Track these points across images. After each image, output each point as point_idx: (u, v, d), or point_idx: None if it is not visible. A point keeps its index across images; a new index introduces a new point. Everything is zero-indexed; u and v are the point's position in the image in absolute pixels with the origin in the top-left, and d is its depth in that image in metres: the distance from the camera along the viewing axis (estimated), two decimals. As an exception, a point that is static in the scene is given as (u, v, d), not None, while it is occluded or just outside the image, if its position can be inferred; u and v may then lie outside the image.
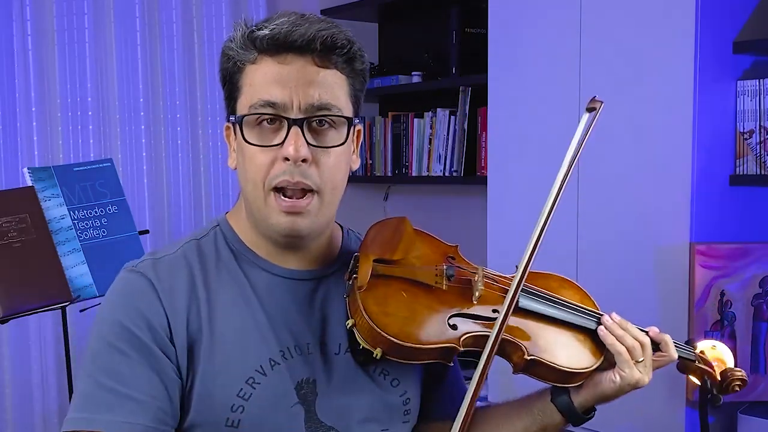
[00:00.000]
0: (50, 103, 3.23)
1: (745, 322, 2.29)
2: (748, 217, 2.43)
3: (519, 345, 1.19)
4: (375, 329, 1.11)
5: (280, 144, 1.12)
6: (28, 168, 2.57)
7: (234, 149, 1.19)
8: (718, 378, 1.35)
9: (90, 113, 3.28)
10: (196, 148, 3.55)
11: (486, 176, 2.91)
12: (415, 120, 3.45)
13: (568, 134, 1.20)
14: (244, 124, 1.14)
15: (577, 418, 1.25)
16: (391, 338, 1.11)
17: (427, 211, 3.63)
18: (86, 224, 2.56)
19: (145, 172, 3.41)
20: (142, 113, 3.39)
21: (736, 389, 1.34)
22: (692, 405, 2.28)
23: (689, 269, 2.27)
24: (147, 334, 1.12)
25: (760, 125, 2.30)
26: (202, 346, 1.14)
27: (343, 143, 1.15)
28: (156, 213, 3.45)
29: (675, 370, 1.35)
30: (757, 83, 2.29)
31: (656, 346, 1.27)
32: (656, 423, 2.36)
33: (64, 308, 2.49)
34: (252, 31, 1.14)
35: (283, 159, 1.12)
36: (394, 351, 1.13)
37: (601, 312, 1.27)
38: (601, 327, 1.23)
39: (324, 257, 1.24)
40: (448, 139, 3.30)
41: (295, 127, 1.11)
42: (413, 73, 3.47)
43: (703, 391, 1.36)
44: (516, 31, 2.74)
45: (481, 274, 1.23)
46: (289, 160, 1.11)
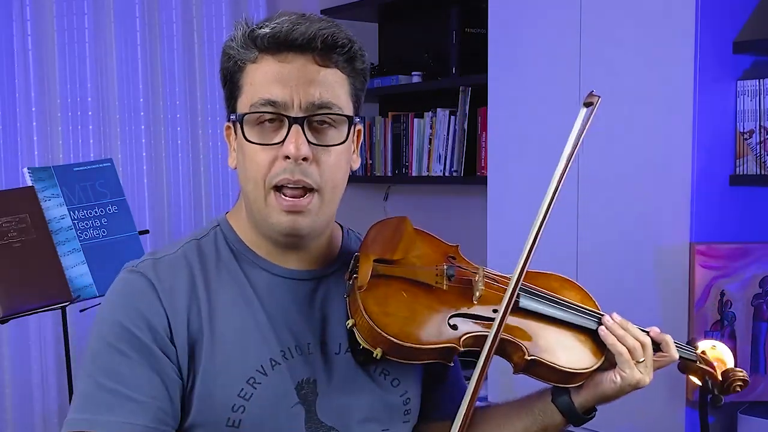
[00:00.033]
0: (50, 103, 3.23)
1: (745, 322, 2.28)
2: (748, 217, 2.43)
3: (519, 345, 1.19)
4: (375, 329, 1.11)
5: (281, 142, 1.12)
6: (28, 168, 2.57)
7: (234, 149, 1.20)
8: (720, 378, 1.34)
9: (90, 113, 3.28)
10: (196, 148, 3.55)
11: (486, 176, 2.91)
12: (415, 120, 3.45)
13: (569, 134, 1.20)
14: (244, 122, 1.14)
15: (577, 418, 1.25)
16: (391, 338, 1.11)
17: (427, 211, 3.63)
18: (86, 224, 2.56)
19: (145, 172, 3.41)
20: (142, 113, 3.39)
21: (737, 390, 1.34)
22: (692, 405, 2.28)
23: (689, 269, 2.27)
24: (147, 335, 1.12)
25: (760, 125, 2.30)
26: (203, 346, 1.14)
27: (343, 142, 1.15)
28: (156, 213, 3.45)
29: (675, 370, 1.35)
30: (757, 83, 2.29)
31: (657, 346, 1.26)
32: (656, 423, 2.36)
33: (64, 308, 2.49)
34: (253, 30, 1.14)
35: (284, 157, 1.12)
36: (394, 351, 1.12)
37: (601, 312, 1.26)
38: (602, 327, 1.23)
39: (324, 257, 1.24)
40: (448, 139, 3.30)
41: (296, 126, 1.11)
42: (413, 73, 3.47)
43: (704, 391, 1.36)
44: (516, 31, 2.73)
45: (482, 274, 1.22)
46: (289, 159, 1.11)
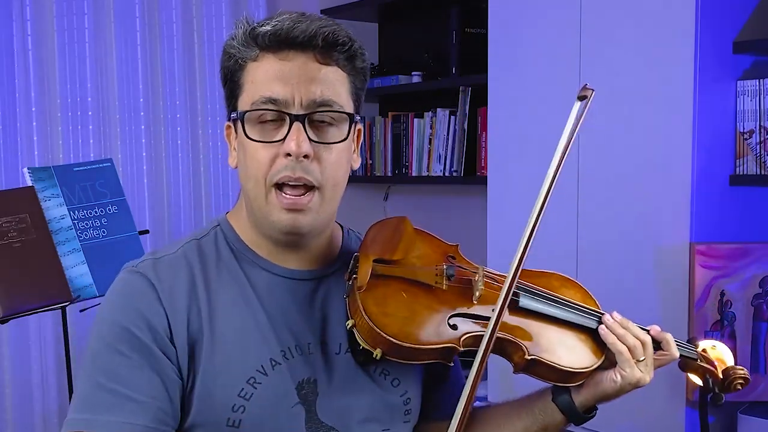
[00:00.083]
0: (50, 103, 3.23)
1: (745, 322, 2.28)
2: (748, 217, 2.43)
3: (520, 345, 1.19)
4: (375, 330, 1.11)
5: (282, 140, 1.12)
6: (28, 168, 2.57)
7: (234, 148, 1.20)
8: (720, 376, 1.34)
9: (90, 113, 3.28)
10: (196, 148, 3.55)
11: (486, 176, 2.91)
12: (415, 120, 3.45)
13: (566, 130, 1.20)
14: (245, 120, 1.14)
15: (578, 417, 1.24)
16: (391, 339, 1.11)
17: (427, 211, 3.63)
18: (86, 224, 2.56)
19: (145, 172, 3.41)
20: (142, 113, 3.39)
21: (738, 387, 1.33)
22: (692, 405, 2.27)
23: (689, 269, 2.27)
24: (147, 335, 1.12)
25: (760, 125, 2.30)
26: (203, 346, 1.14)
27: (344, 140, 1.15)
28: (156, 213, 3.45)
29: (675, 369, 1.35)
30: (757, 83, 2.29)
31: (657, 344, 1.26)
32: (656, 423, 2.36)
33: (64, 308, 2.49)
34: (254, 29, 1.14)
35: (285, 155, 1.12)
36: (394, 351, 1.12)
37: (602, 311, 1.26)
38: (602, 326, 1.23)
39: (324, 257, 1.24)
40: (448, 139, 3.30)
41: (297, 123, 1.11)
42: (413, 73, 3.47)
43: (705, 389, 1.36)
44: (516, 31, 2.73)
45: (482, 274, 1.22)
46: (290, 156, 1.11)
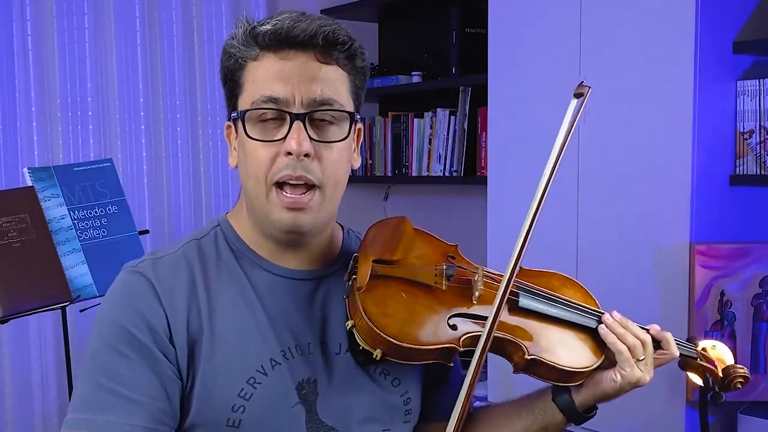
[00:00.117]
0: (50, 103, 3.22)
1: (745, 322, 2.28)
2: (748, 217, 2.43)
3: (519, 345, 1.19)
4: (374, 330, 1.11)
5: (282, 139, 1.12)
6: (28, 168, 2.57)
7: (235, 148, 1.20)
8: (720, 375, 1.33)
9: (90, 113, 3.27)
10: (196, 148, 3.55)
11: (486, 176, 2.91)
12: (415, 120, 3.45)
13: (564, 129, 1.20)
14: (246, 119, 1.14)
15: (578, 416, 1.24)
16: (391, 339, 1.11)
17: (427, 211, 3.63)
18: (86, 224, 2.56)
19: (145, 172, 3.41)
20: (142, 113, 3.39)
21: (738, 386, 1.33)
22: (692, 405, 2.27)
23: (689, 269, 2.27)
24: (147, 335, 1.12)
25: (760, 125, 2.30)
26: (203, 346, 1.14)
27: (344, 138, 1.16)
28: (156, 213, 3.44)
29: (675, 369, 1.35)
30: (757, 83, 2.29)
31: (657, 343, 1.26)
32: (656, 422, 2.36)
33: (64, 308, 2.48)
34: (254, 28, 1.14)
35: (286, 154, 1.12)
36: (394, 352, 1.12)
37: (602, 310, 1.26)
38: (602, 325, 1.23)
39: (324, 257, 1.24)
40: (448, 139, 3.30)
41: (298, 122, 1.12)
42: (413, 73, 3.46)
43: (705, 388, 1.35)
44: (516, 31, 2.73)
45: (481, 274, 1.22)
46: (291, 155, 1.11)
